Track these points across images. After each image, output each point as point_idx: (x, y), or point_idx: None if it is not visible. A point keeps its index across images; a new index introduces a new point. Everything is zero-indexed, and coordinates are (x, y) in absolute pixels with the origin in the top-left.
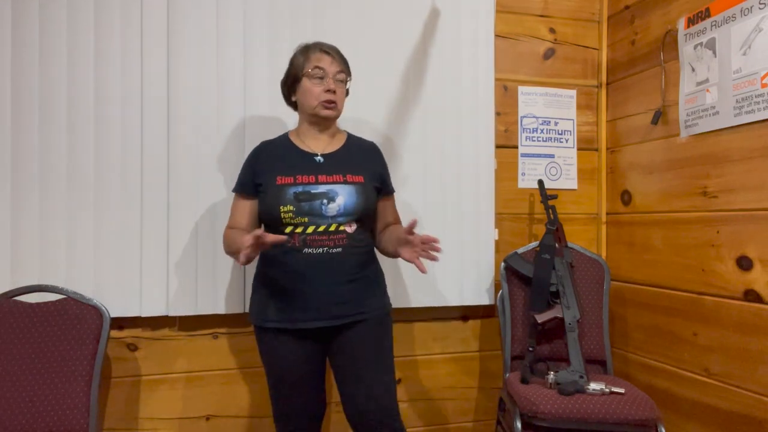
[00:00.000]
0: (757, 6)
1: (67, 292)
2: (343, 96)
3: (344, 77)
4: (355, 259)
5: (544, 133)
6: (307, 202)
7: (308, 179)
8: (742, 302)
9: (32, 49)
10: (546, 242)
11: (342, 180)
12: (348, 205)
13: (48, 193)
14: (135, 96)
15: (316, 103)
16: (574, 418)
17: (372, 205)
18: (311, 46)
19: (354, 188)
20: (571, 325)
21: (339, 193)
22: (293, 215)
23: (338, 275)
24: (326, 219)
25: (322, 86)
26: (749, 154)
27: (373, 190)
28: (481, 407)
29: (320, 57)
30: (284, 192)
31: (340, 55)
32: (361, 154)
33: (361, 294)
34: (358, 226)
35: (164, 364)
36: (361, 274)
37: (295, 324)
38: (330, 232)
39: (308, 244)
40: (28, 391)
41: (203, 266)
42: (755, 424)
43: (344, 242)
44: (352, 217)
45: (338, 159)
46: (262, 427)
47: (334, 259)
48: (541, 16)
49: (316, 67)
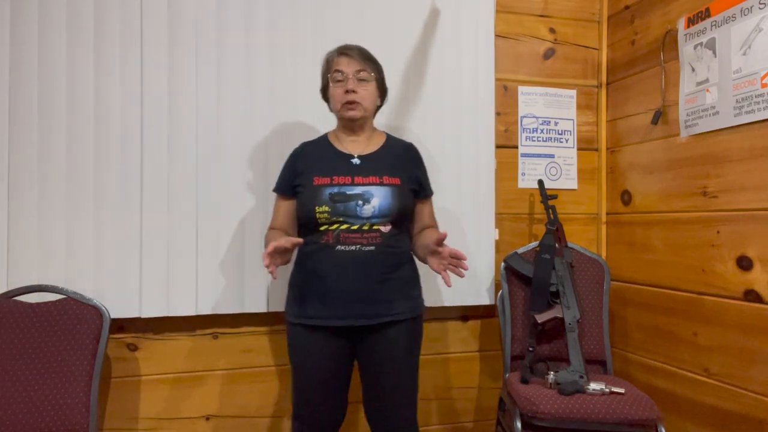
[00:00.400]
0: (757, 6)
1: (67, 292)
2: (368, 94)
3: (367, 74)
4: (387, 259)
5: (544, 133)
6: (342, 203)
7: (344, 180)
8: (742, 302)
9: (31, 48)
10: (546, 242)
11: (378, 182)
12: (383, 206)
13: (48, 193)
14: (135, 95)
15: (339, 106)
16: (574, 418)
17: (408, 208)
18: (332, 51)
19: (390, 190)
20: (571, 325)
21: (374, 195)
22: (328, 216)
23: (369, 274)
24: (361, 220)
25: (342, 88)
26: (749, 154)
27: (409, 193)
28: (481, 407)
29: (339, 60)
30: (320, 192)
31: (361, 53)
32: (398, 155)
33: (392, 295)
34: (393, 228)
35: (164, 364)
36: (394, 275)
37: (324, 321)
38: (363, 231)
39: (341, 241)
40: (28, 391)
41: (203, 266)
42: (755, 424)
43: (378, 241)
44: (386, 219)
45: (375, 161)
46: (262, 427)
47: (366, 257)
48: (541, 16)
49: (335, 71)
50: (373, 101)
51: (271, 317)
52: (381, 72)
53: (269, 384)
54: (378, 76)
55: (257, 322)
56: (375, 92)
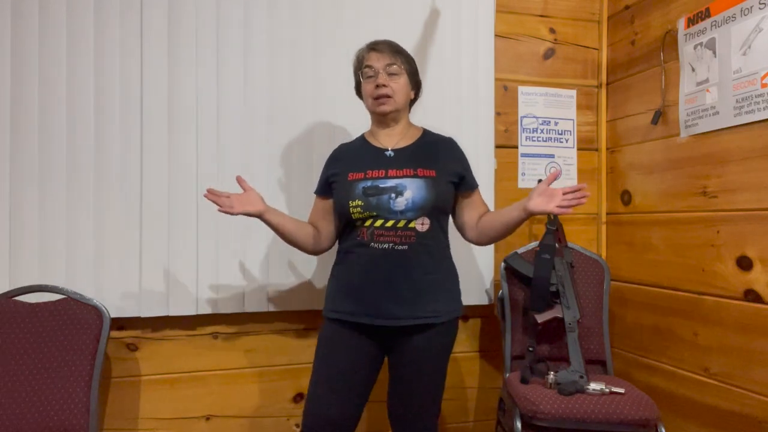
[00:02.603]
0: (757, 6)
1: (67, 292)
2: (401, 87)
3: (398, 68)
4: (422, 259)
5: (544, 133)
6: (375, 197)
7: (378, 174)
8: (742, 302)
9: (32, 48)
10: (546, 242)
11: (412, 174)
12: (416, 199)
13: (48, 193)
14: (135, 94)
15: (371, 102)
16: (574, 418)
17: (445, 201)
18: (362, 47)
19: (424, 182)
20: (571, 325)
21: (408, 187)
22: (362, 210)
23: (401, 274)
24: (395, 214)
25: (373, 83)
26: (749, 154)
27: (447, 185)
28: (481, 407)
29: (368, 55)
30: (354, 187)
31: (390, 47)
32: (435, 148)
33: (425, 297)
34: (431, 225)
35: (164, 364)
36: (428, 276)
37: (353, 317)
38: (398, 228)
39: (375, 239)
40: (28, 391)
41: (203, 266)
42: (755, 424)
43: (412, 240)
44: (421, 212)
45: (409, 153)
46: (262, 427)
47: (399, 256)
48: (541, 16)
49: (366, 67)
50: (406, 94)
51: (271, 317)
52: (413, 64)
53: (269, 384)
54: (410, 69)
55: (257, 322)
56: (407, 85)
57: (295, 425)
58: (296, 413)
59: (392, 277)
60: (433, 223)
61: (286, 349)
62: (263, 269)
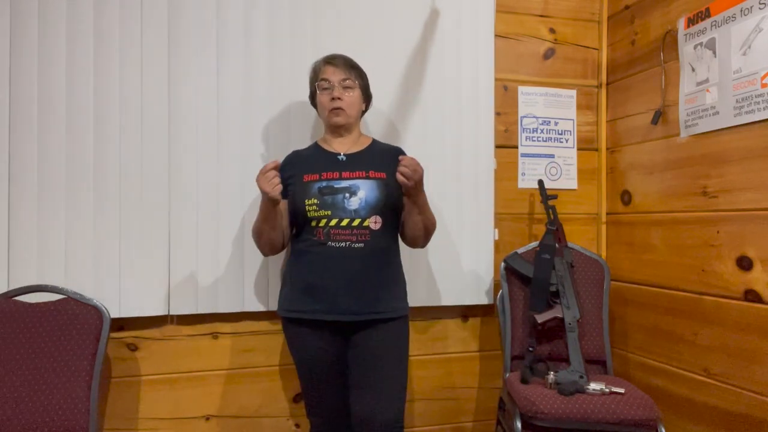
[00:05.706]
0: (757, 6)
1: (67, 292)
2: (353, 101)
3: (351, 83)
4: (377, 257)
5: (544, 133)
6: (330, 196)
7: (333, 175)
8: (742, 302)
9: (31, 49)
10: (546, 242)
11: (364, 175)
12: (369, 199)
13: (48, 193)
14: (135, 95)
15: (326, 113)
16: (574, 418)
17: (395, 201)
18: (319, 60)
19: (376, 183)
20: (571, 325)
21: (361, 188)
22: (317, 208)
23: (358, 271)
24: (349, 212)
25: (329, 96)
26: (749, 154)
27: (396, 187)
28: (481, 407)
29: (325, 69)
30: (309, 187)
31: (345, 62)
32: (384, 154)
33: (380, 293)
34: (384, 223)
35: (164, 364)
36: (382, 273)
37: (313, 315)
38: (353, 227)
39: (332, 238)
40: (28, 391)
41: (203, 265)
42: (755, 424)
43: (367, 238)
44: (374, 211)
45: (361, 157)
46: (262, 427)
47: (356, 254)
48: (541, 16)
49: (322, 79)
50: (358, 107)
51: (271, 317)
52: (365, 79)
53: (269, 384)
54: (362, 84)
55: (257, 321)
56: (359, 99)
57: (295, 425)
58: (296, 413)
59: (350, 275)
60: (385, 222)
61: (286, 349)
62: (263, 269)
